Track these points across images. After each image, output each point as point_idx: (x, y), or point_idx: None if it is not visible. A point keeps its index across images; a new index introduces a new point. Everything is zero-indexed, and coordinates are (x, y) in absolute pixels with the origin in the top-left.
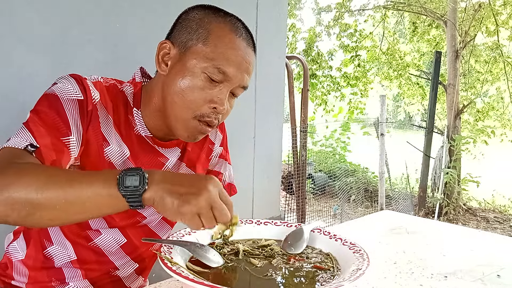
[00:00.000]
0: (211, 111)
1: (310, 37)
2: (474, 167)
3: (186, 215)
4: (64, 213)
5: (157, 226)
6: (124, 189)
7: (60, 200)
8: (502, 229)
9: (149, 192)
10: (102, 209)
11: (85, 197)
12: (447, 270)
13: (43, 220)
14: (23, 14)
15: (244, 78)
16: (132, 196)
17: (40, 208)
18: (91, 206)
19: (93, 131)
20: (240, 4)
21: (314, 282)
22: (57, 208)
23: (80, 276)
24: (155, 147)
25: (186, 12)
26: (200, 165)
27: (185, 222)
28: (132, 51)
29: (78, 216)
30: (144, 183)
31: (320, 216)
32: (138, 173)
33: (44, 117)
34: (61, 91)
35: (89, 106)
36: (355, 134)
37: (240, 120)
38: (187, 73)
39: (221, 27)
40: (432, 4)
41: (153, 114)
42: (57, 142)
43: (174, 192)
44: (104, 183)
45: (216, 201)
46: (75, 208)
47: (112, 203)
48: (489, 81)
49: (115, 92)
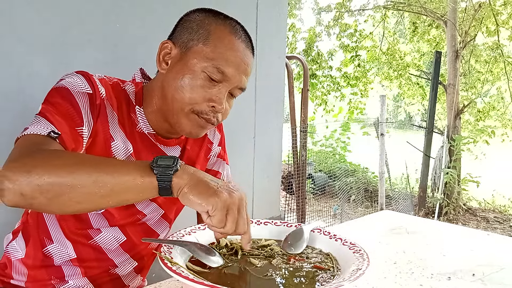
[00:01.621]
0: (209, 109)
1: (310, 37)
2: (474, 167)
3: (218, 204)
4: (93, 196)
5: (155, 224)
6: (157, 167)
7: (91, 181)
8: (502, 229)
9: (181, 176)
10: (132, 192)
11: (117, 179)
12: (447, 270)
13: (71, 202)
14: (23, 14)
15: (242, 79)
16: (163, 175)
17: (69, 189)
18: (121, 188)
19: (101, 125)
20: (240, 4)
21: (314, 282)
22: (86, 189)
23: (79, 274)
24: (157, 145)
25: (188, 14)
26: (199, 164)
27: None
28: (132, 51)
29: (106, 199)
30: (176, 163)
31: (320, 216)
32: (171, 157)
33: (59, 107)
34: (71, 85)
35: (97, 100)
36: (355, 134)
37: (240, 120)
38: (188, 71)
39: (221, 29)
40: (432, 4)
41: (154, 112)
42: (74, 132)
43: (207, 182)
44: (138, 165)
45: (243, 207)
46: (104, 190)
47: (142, 185)
48: (490, 81)
49: (118, 90)
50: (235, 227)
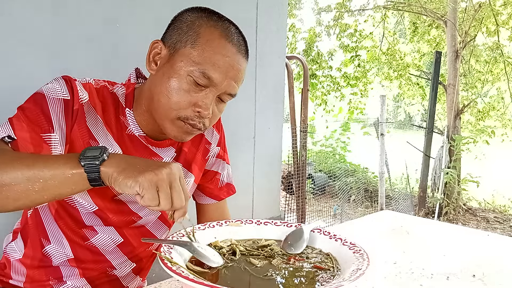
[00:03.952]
0: (195, 114)
1: (310, 37)
2: (474, 167)
3: (144, 183)
4: (28, 192)
5: (154, 227)
6: (84, 159)
7: (23, 178)
8: (502, 229)
9: (108, 164)
10: (65, 185)
11: (48, 174)
12: (447, 270)
13: (8, 200)
14: (23, 14)
15: (231, 84)
16: (90, 165)
17: (3, 187)
18: (54, 183)
19: (79, 130)
20: (240, 4)
21: (314, 282)
22: (21, 187)
23: (77, 274)
24: (148, 147)
25: (181, 13)
26: (196, 166)
27: (142, 192)
28: (132, 51)
29: (40, 195)
30: (103, 153)
31: (320, 216)
32: (99, 147)
33: (28, 113)
34: (48, 91)
35: (75, 106)
36: (355, 134)
37: (240, 120)
38: (173, 74)
39: (211, 31)
40: (432, 4)
41: (144, 114)
42: (36, 137)
43: (136, 165)
44: (67, 159)
45: (176, 180)
46: (38, 186)
47: (73, 179)
48: (490, 81)
49: (105, 94)
50: (171, 202)
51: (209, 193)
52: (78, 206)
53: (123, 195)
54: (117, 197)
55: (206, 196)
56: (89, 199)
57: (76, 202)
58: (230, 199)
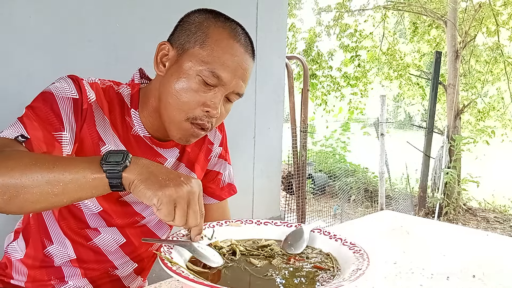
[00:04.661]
0: (204, 114)
1: (310, 37)
2: (474, 167)
3: (163, 198)
4: (47, 195)
5: (155, 226)
6: (106, 164)
7: (43, 181)
8: (502, 229)
9: (131, 171)
10: (84, 189)
11: (68, 177)
12: (447, 270)
13: (26, 202)
14: (23, 14)
15: (239, 84)
16: (112, 171)
17: (23, 190)
18: (73, 186)
19: (88, 129)
20: (240, 4)
21: (314, 282)
22: (40, 189)
23: (79, 275)
24: (153, 147)
25: (188, 15)
26: (199, 166)
27: (159, 206)
28: (132, 51)
29: (59, 198)
30: (125, 159)
31: (320, 216)
32: (122, 152)
33: (38, 112)
34: (57, 90)
35: (84, 105)
36: (355, 134)
37: (240, 120)
38: (183, 75)
39: (220, 32)
40: (432, 4)
41: (150, 114)
42: (48, 136)
43: (158, 175)
44: (89, 163)
45: (195, 199)
46: (57, 189)
47: (93, 183)
48: (490, 81)
49: (111, 94)
50: (185, 220)
51: (210, 193)
52: (83, 207)
53: (128, 196)
54: (122, 199)
55: (207, 196)
56: (95, 200)
57: (81, 203)
58: (230, 199)
